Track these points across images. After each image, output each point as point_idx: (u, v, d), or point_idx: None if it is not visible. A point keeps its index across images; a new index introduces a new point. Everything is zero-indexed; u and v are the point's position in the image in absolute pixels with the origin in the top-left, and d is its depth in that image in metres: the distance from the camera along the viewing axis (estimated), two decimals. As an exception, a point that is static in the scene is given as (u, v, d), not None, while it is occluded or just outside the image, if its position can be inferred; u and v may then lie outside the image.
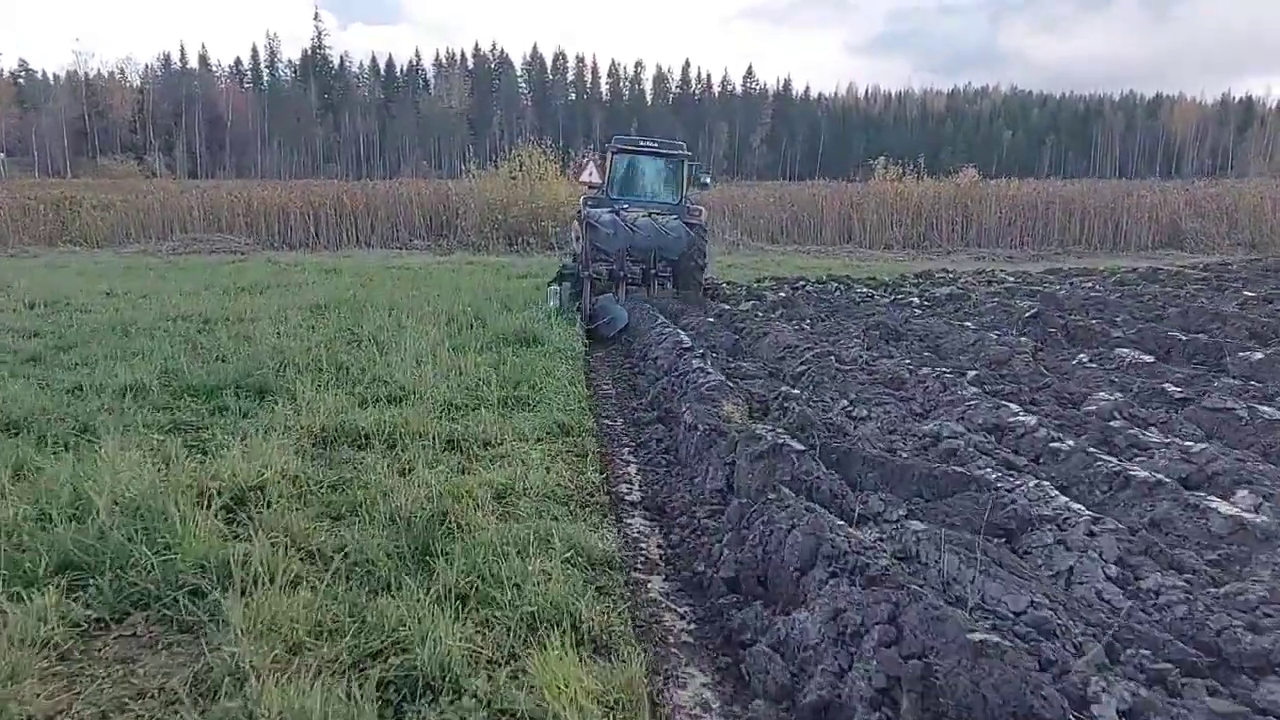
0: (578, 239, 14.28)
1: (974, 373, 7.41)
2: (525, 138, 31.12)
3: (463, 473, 5.23)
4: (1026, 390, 6.93)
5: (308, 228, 30.07)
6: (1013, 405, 6.10)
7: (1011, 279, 16.78)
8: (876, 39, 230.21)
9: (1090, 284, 15.24)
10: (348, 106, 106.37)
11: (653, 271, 13.66)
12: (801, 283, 17.03)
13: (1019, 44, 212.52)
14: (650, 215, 13.75)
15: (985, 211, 28.12)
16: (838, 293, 15.29)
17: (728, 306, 12.29)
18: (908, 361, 8.07)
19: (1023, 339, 9.02)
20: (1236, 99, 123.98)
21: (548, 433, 6.24)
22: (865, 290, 15.28)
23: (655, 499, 5.29)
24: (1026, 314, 10.61)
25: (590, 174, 15.24)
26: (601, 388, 8.55)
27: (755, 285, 17.29)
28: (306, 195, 30.86)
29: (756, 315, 11.80)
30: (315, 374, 7.57)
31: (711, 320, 10.94)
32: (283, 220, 30.14)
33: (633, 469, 5.95)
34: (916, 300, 13.05)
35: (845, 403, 6.47)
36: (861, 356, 8.25)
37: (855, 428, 5.94)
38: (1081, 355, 8.33)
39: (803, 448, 4.92)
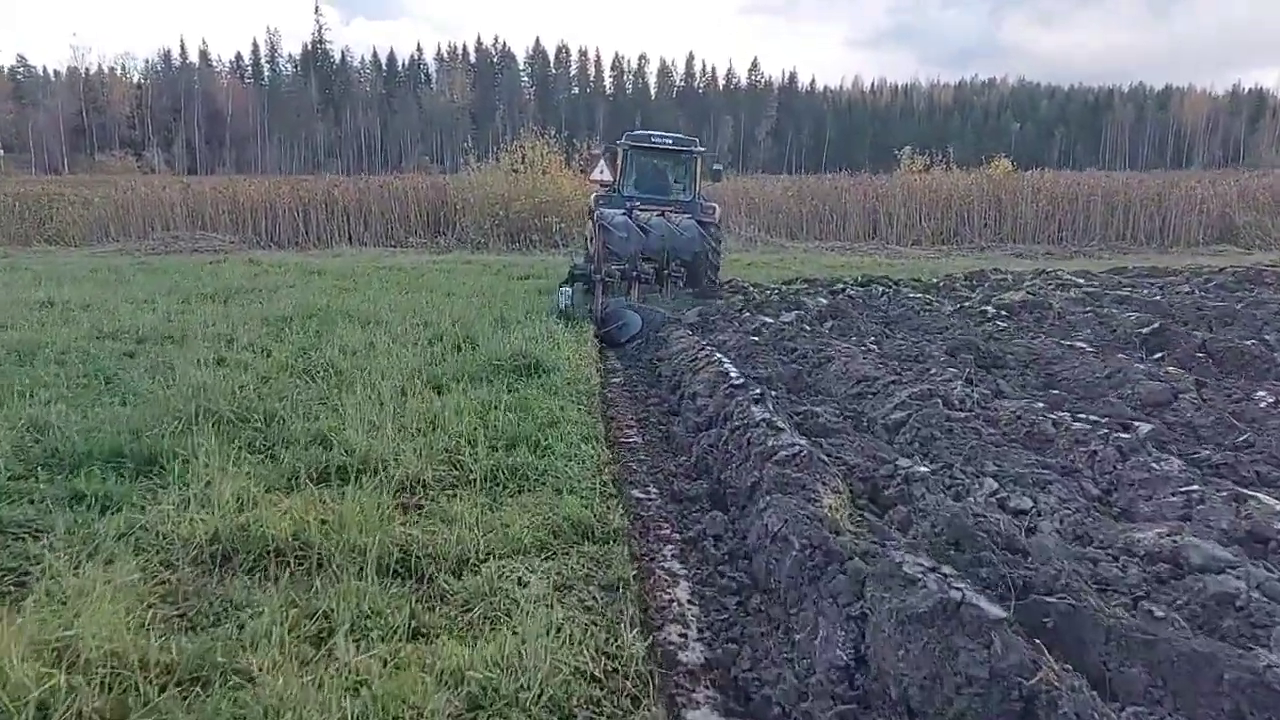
0: (590, 239, 13.52)
1: (1147, 426, 5.28)
2: (528, 129, 28.98)
3: (414, 638, 3.14)
4: (1235, 454, 4.83)
5: (296, 225, 28.00)
6: (1262, 496, 3.98)
7: (1081, 281, 14.63)
8: (877, 33, 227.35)
9: (1187, 288, 13.08)
10: (349, 101, 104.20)
11: (666, 271, 12.92)
12: (840, 286, 14.90)
13: (1020, 37, 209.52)
14: (663, 214, 13.02)
15: (1021, 205, 25.93)
16: (885, 298, 13.17)
17: (769, 319, 10.16)
18: (1039, 405, 5.95)
19: (1170, 369, 6.88)
20: (1246, 90, 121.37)
21: (554, 535, 4.13)
22: (917, 295, 13.15)
23: (731, 671, 3.21)
24: (1144, 330, 8.49)
25: (601, 171, 14.68)
26: (625, 436, 6.44)
27: (787, 288, 15.17)
28: (296, 191, 28.77)
29: (805, 330, 9.69)
30: (235, 430, 5.48)
31: (755, 339, 8.82)
32: (270, 217, 28.06)
33: (683, 590, 3.87)
34: (989, 309, 10.91)
35: (991, 484, 4.36)
36: (970, 395, 6.12)
37: (1024, 534, 3.84)
38: (1261, 392, 6.20)
39: (997, 612, 2.81)
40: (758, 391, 5.93)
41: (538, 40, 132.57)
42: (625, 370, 9.26)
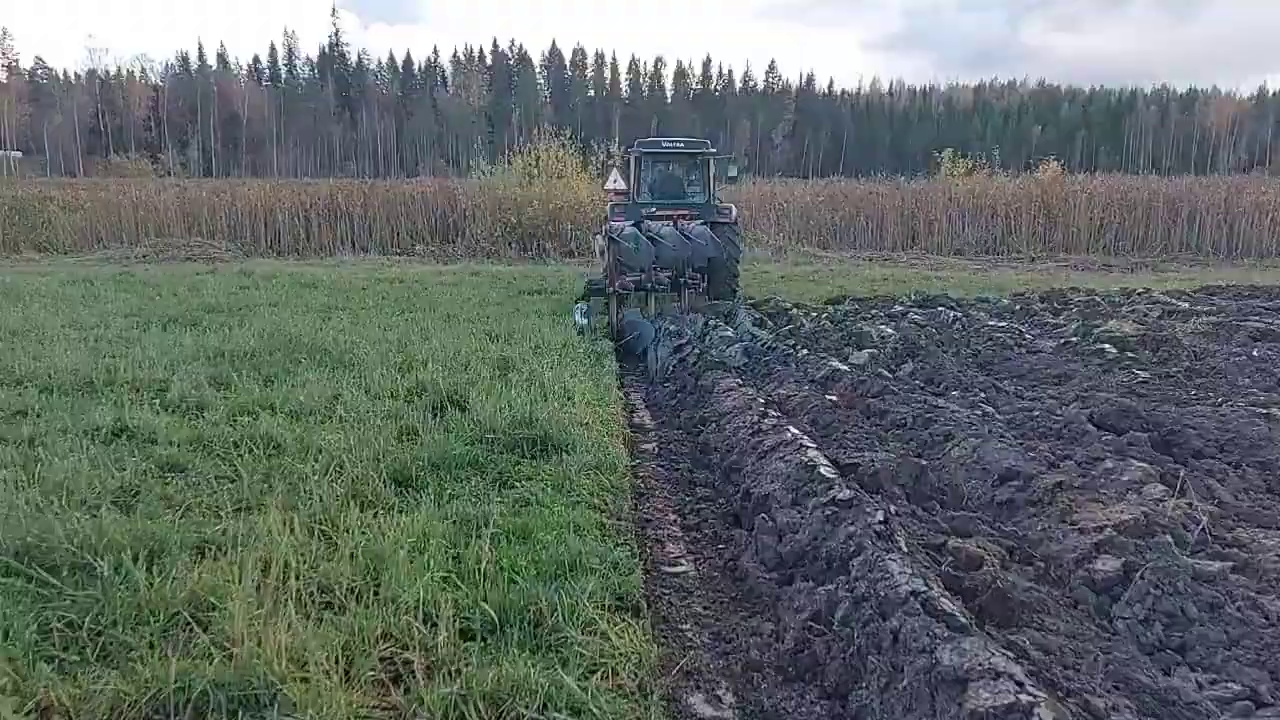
0: (603, 253, 12.90)
1: None
2: (543, 130, 26.93)
3: None
4: None
5: (298, 232, 26.05)
6: None
7: (1184, 304, 12.38)
8: (894, 36, 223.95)
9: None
10: (365, 105, 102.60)
11: (683, 279, 12.38)
12: (898, 308, 12.73)
13: (1039, 40, 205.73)
14: (674, 222, 12.39)
15: (1074, 212, 23.64)
16: (958, 325, 11.01)
17: (837, 363, 7.98)
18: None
19: None
20: (1271, 93, 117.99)
21: None
22: (996, 323, 10.97)
23: None
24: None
25: (615, 181, 14.18)
26: (669, 561, 4.32)
27: (836, 310, 13.01)
28: (297, 196, 26.81)
29: (885, 377, 7.54)
30: (36, 597, 3.39)
31: (831, 399, 6.66)
32: (270, 223, 26.12)
33: None
34: (1106, 348, 8.71)
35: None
36: (1199, 522, 3.97)
37: None
38: None
39: None
40: (879, 518, 3.79)
41: (554, 43, 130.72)
42: (658, 429, 7.15)
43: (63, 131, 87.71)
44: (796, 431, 5.39)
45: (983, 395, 6.85)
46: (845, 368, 7.65)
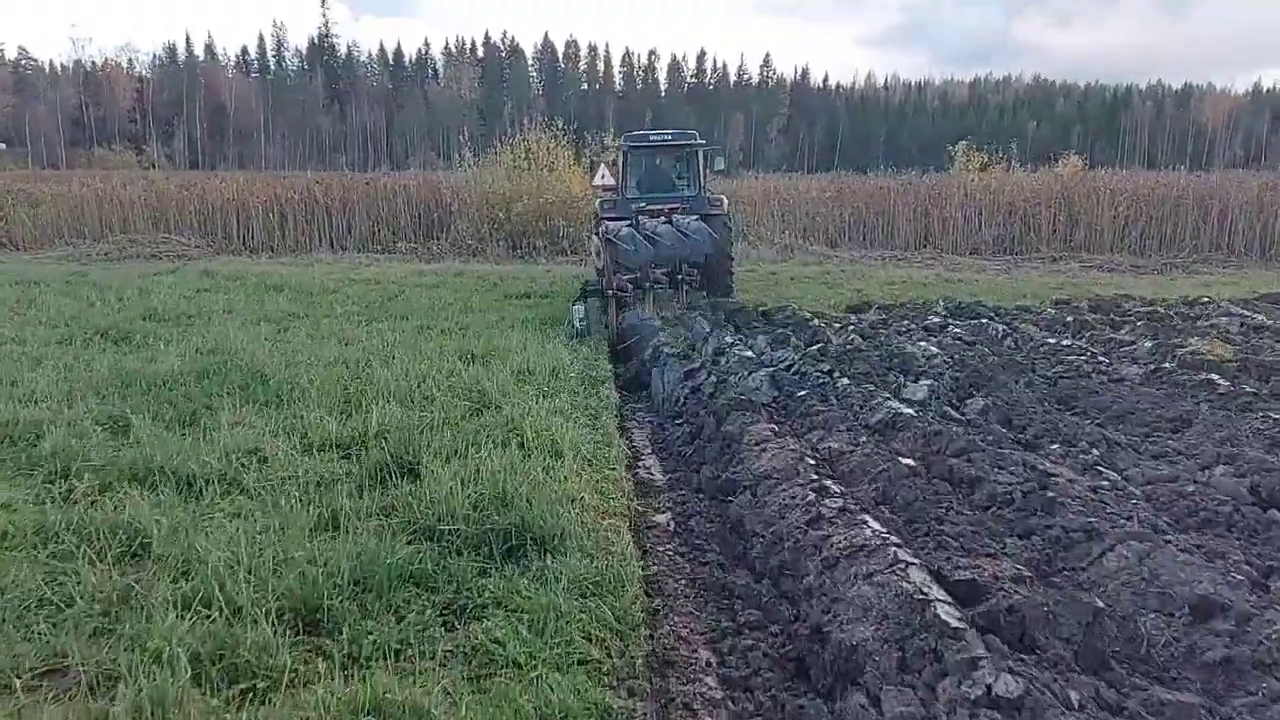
0: (599, 253, 12.33)
1: None
2: (534, 120, 25.22)
3: None
4: None
5: (271, 228, 24.29)
6: None
7: (1254, 314, 10.80)
8: (888, 31, 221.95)
9: None
10: (355, 96, 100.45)
11: (681, 276, 12.23)
12: (934, 318, 11.14)
13: (1034, 37, 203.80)
14: (668, 218, 11.89)
15: (1096, 209, 22.08)
16: (1009, 341, 9.43)
17: (893, 403, 6.34)
18: None
19: None
20: (1266, 89, 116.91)
21: None
22: (1054, 340, 9.37)
23: None
24: None
25: (603, 177, 13.89)
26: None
27: (861, 320, 11.41)
28: (271, 190, 25.04)
29: (954, 420, 5.94)
30: None
31: (906, 463, 5.02)
32: (242, 219, 24.36)
33: None
34: (1215, 378, 7.11)
35: None
36: None
37: None
38: None
39: None
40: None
41: (546, 35, 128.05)
42: (672, 488, 5.53)
43: (46, 123, 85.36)
44: (878, 528, 3.77)
45: (1094, 451, 5.24)
46: (906, 409, 6.02)
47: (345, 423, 6.05)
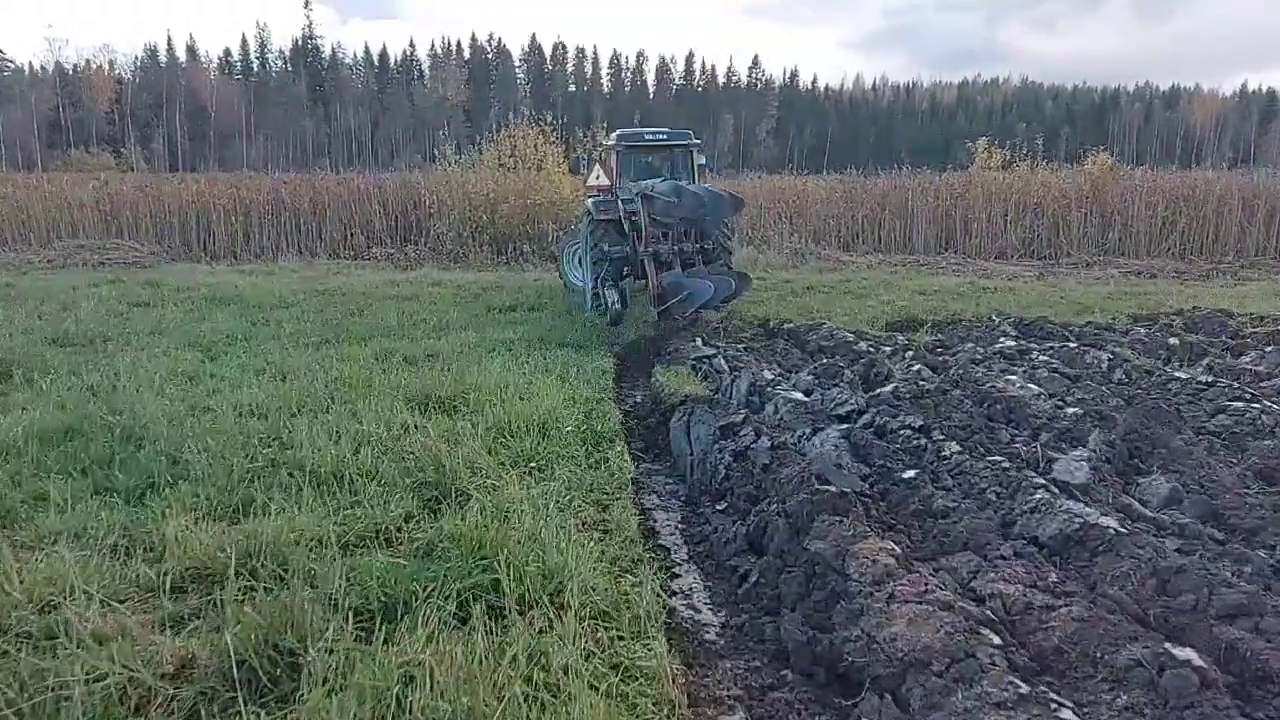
0: (593, 243, 12.15)
1: None
2: (520, 116, 23.03)
3: None
4: None
5: (235, 232, 22.01)
6: None
7: None
8: (873, 35, 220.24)
9: None
10: (339, 98, 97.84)
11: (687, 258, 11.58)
12: (1005, 341, 9.05)
13: (1017, 41, 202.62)
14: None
15: (1132, 210, 20.09)
16: (1119, 373, 7.36)
17: (1088, 513, 4.14)
18: None
19: None
20: (1252, 90, 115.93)
21: None
22: (1182, 374, 7.30)
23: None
24: None
25: (598, 176, 12.95)
26: None
27: (916, 344, 9.30)
28: (235, 191, 22.74)
29: (1151, 522, 3.85)
30: None
31: (1195, 671, 2.87)
32: (202, 222, 22.07)
33: None
34: None
35: None
36: None
37: None
38: None
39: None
40: None
41: (534, 37, 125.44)
42: (740, 657, 3.40)
43: (22, 125, 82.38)
44: None
45: None
46: (1088, 511, 3.89)
47: (225, 531, 3.90)
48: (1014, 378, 7.31)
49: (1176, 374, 7.17)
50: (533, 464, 5.13)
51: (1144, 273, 18.66)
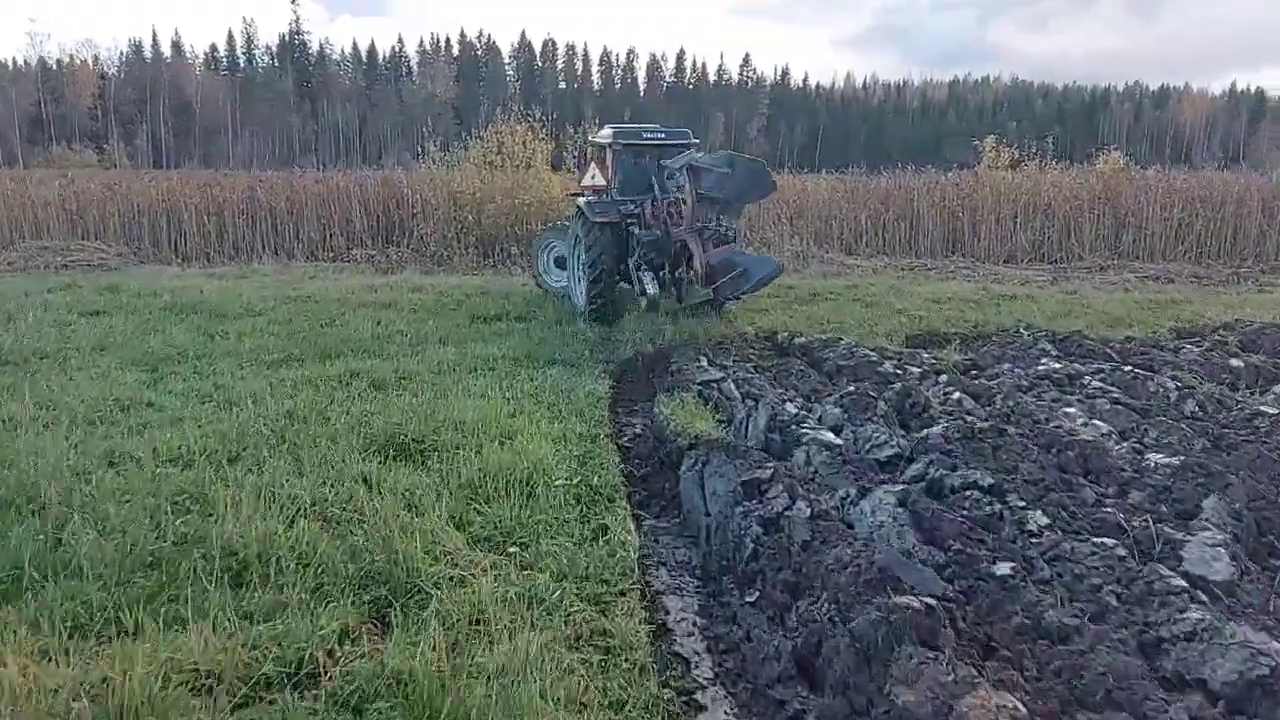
0: (586, 245, 11.50)
1: None
2: (508, 111, 21.89)
3: None
4: None
5: (208, 233, 20.81)
6: None
7: None
8: (864, 34, 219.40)
9: None
10: (327, 94, 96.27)
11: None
12: (1048, 363, 8.03)
13: (1007, 40, 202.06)
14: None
15: (1146, 212, 19.15)
16: (1190, 404, 6.36)
17: (1256, 647, 3.14)
18: None
19: None
20: (1240, 90, 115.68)
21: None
22: (1272, 409, 6.29)
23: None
24: None
25: (593, 176, 12.37)
26: None
27: (946, 364, 8.27)
28: (209, 190, 21.53)
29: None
30: None
31: None
32: (173, 223, 20.86)
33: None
34: None
35: None
36: None
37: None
38: None
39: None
40: None
41: (523, 34, 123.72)
42: None
43: (3, 120, 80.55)
44: None
45: None
46: (1273, 645, 2.86)
47: (79, 675, 2.81)
48: (1072, 410, 6.30)
49: (1262, 407, 6.16)
50: (513, 541, 4.06)
51: (1161, 277, 17.71)
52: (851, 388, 6.94)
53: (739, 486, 4.69)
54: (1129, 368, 7.61)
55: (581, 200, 12.00)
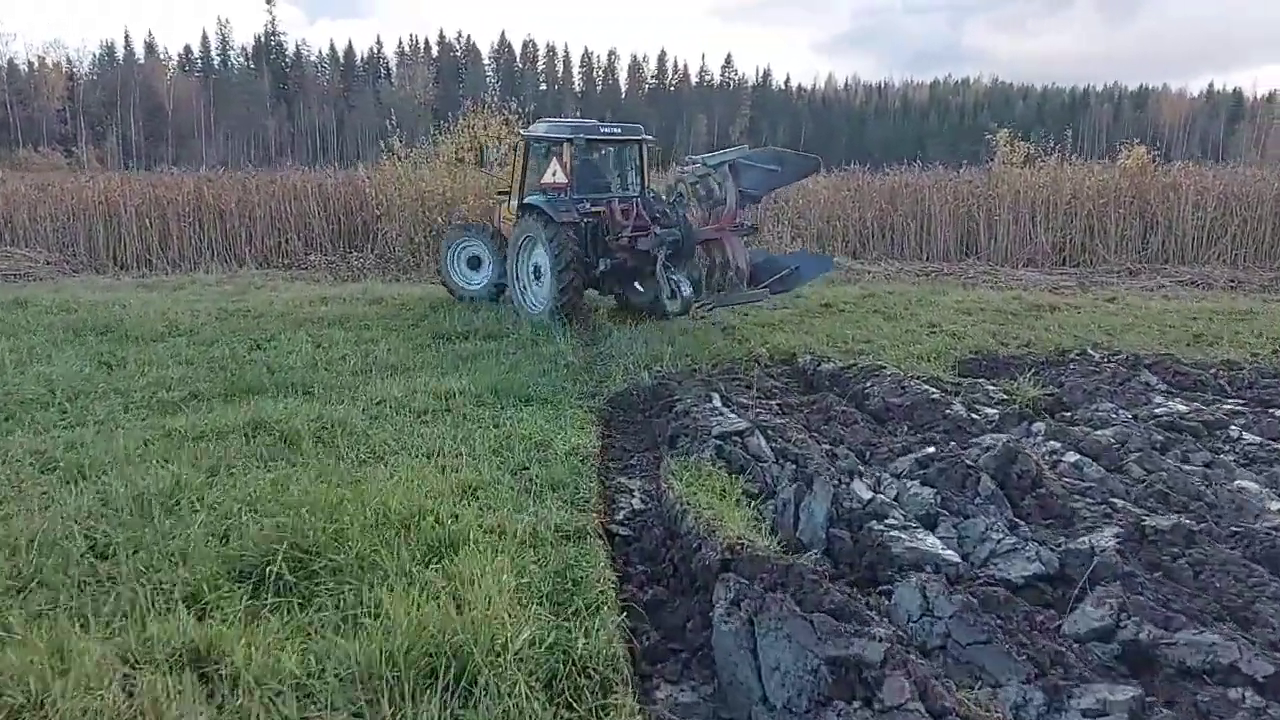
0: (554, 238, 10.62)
1: None
2: (481, 103, 19.89)
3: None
4: None
5: (149, 238, 18.68)
6: None
7: None
8: (842, 37, 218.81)
9: None
10: (303, 95, 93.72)
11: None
12: (1162, 404, 6.17)
13: (983, 42, 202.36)
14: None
15: (1176, 211, 17.45)
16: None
17: None
18: None
19: None
20: (1218, 90, 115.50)
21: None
22: None
23: None
24: None
25: (555, 174, 11.23)
26: None
27: (1023, 401, 6.38)
28: (150, 191, 19.37)
29: None
30: None
31: None
32: (111, 228, 18.71)
33: None
34: None
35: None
36: None
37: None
38: None
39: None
40: None
41: (503, 35, 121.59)
42: None
43: (-34, 123, 77.65)
44: None
45: None
46: None
47: None
48: (1250, 485, 4.42)
49: None
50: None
51: (1199, 283, 15.98)
52: (931, 449, 5.03)
53: (823, 665, 2.76)
54: (1277, 411, 5.75)
55: (539, 199, 10.99)
